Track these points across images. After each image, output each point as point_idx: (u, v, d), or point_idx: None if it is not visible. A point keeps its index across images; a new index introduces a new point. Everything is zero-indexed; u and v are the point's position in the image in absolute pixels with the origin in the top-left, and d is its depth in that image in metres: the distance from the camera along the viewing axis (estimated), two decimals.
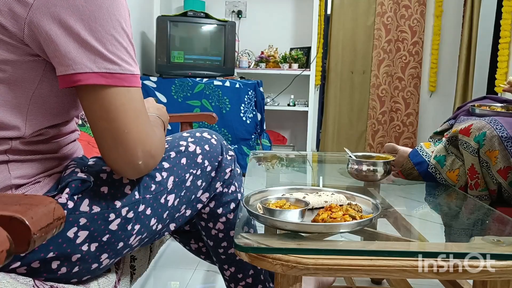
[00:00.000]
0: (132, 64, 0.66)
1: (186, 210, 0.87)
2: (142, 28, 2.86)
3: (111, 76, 0.63)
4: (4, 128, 0.64)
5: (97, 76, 0.62)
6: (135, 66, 0.67)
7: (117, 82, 0.63)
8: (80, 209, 0.69)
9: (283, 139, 3.63)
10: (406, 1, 3.41)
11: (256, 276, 0.99)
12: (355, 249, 0.70)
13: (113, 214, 0.72)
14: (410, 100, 3.52)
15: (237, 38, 3.28)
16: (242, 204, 0.81)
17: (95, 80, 0.62)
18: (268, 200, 0.81)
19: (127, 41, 0.66)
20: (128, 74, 0.65)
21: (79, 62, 0.61)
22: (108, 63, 0.62)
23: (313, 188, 0.96)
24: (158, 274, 1.65)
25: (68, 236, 0.68)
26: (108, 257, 0.74)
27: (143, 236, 0.79)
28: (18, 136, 0.66)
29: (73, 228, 0.68)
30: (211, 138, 0.91)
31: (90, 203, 0.70)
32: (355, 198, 0.90)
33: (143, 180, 0.77)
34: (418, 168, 1.25)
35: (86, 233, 0.69)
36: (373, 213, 0.79)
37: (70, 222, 0.68)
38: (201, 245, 1.09)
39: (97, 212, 0.70)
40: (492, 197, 1.15)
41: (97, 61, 0.61)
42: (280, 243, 0.69)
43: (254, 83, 2.74)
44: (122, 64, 0.64)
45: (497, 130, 1.10)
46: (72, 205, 0.68)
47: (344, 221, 0.73)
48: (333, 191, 0.92)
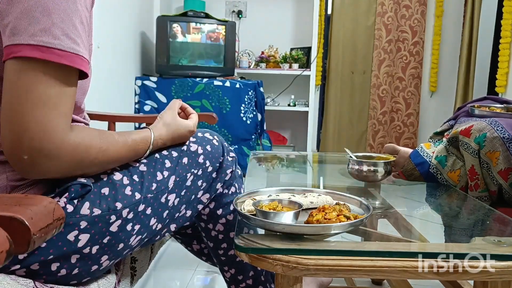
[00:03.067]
0: (80, 46, 0.60)
1: (187, 211, 0.87)
2: (142, 28, 2.86)
3: (48, 50, 0.56)
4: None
5: (30, 48, 0.56)
6: (83, 50, 0.61)
7: (53, 58, 0.57)
8: (81, 212, 0.69)
9: (284, 139, 3.63)
10: (406, 1, 3.41)
11: (256, 277, 0.99)
12: (356, 250, 0.70)
13: (114, 216, 0.71)
14: (411, 100, 3.52)
15: (237, 38, 3.28)
16: (234, 206, 0.80)
17: (28, 52, 0.56)
18: (260, 202, 0.80)
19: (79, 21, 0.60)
20: (71, 52, 0.58)
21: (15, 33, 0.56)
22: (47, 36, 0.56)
23: (303, 189, 0.95)
24: (158, 275, 1.65)
25: (68, 240, 0.68)
26: (108, 258, 0.74)
27: (143, 236, 0.78)
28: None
29: (74, 232, 0.68)
30: (213, 139, 0.91)
31: (90, 205, 0.69)
32: (343, 198, 0.89)
33: (145, 180, 0.77)
34: (419, 169, 1.25)
35: (87, 236, 0.69)
36: (364, 213, 0.79)
37: (71, 225, 0.68)
38: (203, 247, 1.09)
39: (98, 215, 0.70)
40: (492, 198, 1.15)
41: (34, 33, 0.56)
42: (281, 243, 0.69)
43: (254, 83, 2.74)
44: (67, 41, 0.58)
45: (498, 131, 1.10)
46: (71, 209, 0.68)
47: (339, 222, 0.72)
48: (322, 192, 0.92)
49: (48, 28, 0.56)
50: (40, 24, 0.56)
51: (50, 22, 0.56)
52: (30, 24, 0.56)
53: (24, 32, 0.56)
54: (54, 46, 0.56)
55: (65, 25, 0.58)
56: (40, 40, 0.56)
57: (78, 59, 0.59)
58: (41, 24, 0.56)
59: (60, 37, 0.57)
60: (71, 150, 0.61)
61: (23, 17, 0.56)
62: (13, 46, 0.56)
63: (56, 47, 0.57)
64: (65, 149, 0.60)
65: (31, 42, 0.55)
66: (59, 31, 0.57)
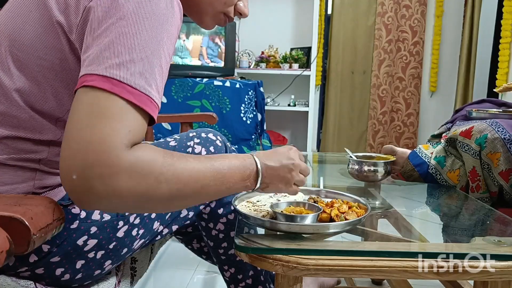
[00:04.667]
0: (153, 88, 0.56)
1: (189, 212, 0.88)
2: None
3: (119, 84, 0.53)
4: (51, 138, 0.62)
5: (103, 79, 0.53)
6: (156, 93, 0.57)
7: (122, 93, 0.53)
8: (92, 217, 0.70)
9: (284, 139, 3.63)
10: (406, 1, 3.41)
11: (256, 277, 0.99)
12: (356, 250, 0.69)
13: (122, 222, 0.72)
14: (411, 100, 3.52)
15: (237, 38, 3.28)
16: (233, 206, 0.80)
17: (99, 83, 0.53)
18: (279, 206, 0.79)
19: (158, 67, 0.57)
20: (142, 92, 0.54)
21: (92, 64, 0.54)
22: (121, 71, 0.54)
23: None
24: (158, 275, 1.65)
25: (77, 244, 0.68)
26: (111, 263, 0.75)
27: (145, 239, 0.79)
28: (55, 144, 0.63)
29: (84, 237, 0.69)
30: (216, 140, 0.92)
31: (101, 211, 0.70)
32: (343, 198, 0.88)
33: None
34: (418, 170, 1.25)
35: (95, 241, 0.70)
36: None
37: (82, 230, 0.68)
38: (203, 245, 1.10)
39: (107, 220, 0.71)
40: (493, 199, 1.15)
41: (110, 66, 0.53)
42: (281, 243, 0.69)
43: (254, 83, 2.74)
44: (140, 80, 0.54)
45: (498, 132, 1.09)
46: (84, 215, 0.69)
47: (355, 214, 0.75)
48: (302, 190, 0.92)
49: (125, 63, 0.54)
50: (118, 59, 0.54)
51: (129, 59, 0.54)
52: (109, 57, 0.54)
53: (101, 63, 0.53)
54: (126, 82, 0.53)
55: (144, 65, 0.55)
56: (114, 73, 0.53)
57: (148, 101, 0.55)
58: (120, 59, 0.54)
59: (135, 75, 0.54)
60: (129, 166, 0.51)
61: (104, 50, 0.54)
62: (87, 75, 0.54)
63: (128, 83, 0.53)
64: (122, 165, 0.51)
65: (105, 73, 0.53)
66: (136, 69, 0.54)
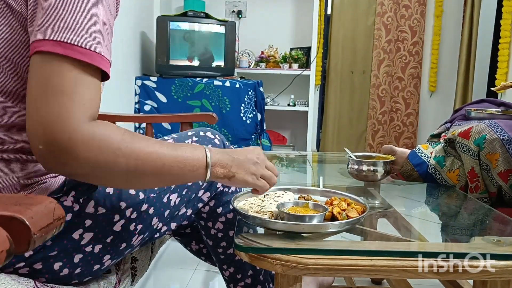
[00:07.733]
0: (102, 45, 0.59)
1: (187, 209, 0.87)
2: (142, 28, 2.86)
3: (70, 46, 0.56)
4: (19, 123, 0.62)
5: (54, 44, 0.56)
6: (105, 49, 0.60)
7: (75, 55, 0.56)
8: (86, 210, 0.69)
9: (283, 139, 3.63)
10: (406, 1, 3.41)
11: (255, 276, 0.99)
12: (356, 249, 0.70)
13: (118, 215, 0.72)
14: (410, 100, 3.52)
15: (237, 38, 3.28)
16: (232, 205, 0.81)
17: (50, 47, 0.56)
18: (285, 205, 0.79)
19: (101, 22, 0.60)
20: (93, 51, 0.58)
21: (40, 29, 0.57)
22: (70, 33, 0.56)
23: (299, 188, 0.97)
24: (158, 275, 1.65)
25: (73, 238, 0.68)
26: (110, 258, 0.74)
27: (144, 235, 0.79)
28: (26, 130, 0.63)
29: (79, 230, 0.69)
30: (214, 138, 0.92)
31: (95, 204, 0.70)
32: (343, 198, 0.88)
33: None
34: (418, 169, 1.25)
35: (91, 234, 0.70)
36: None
37: (76, 224, 0.68)
38: (202, 246, 1.10)
39: (103, 214, 0.70)
40: (492, 199, 1.15)
41: (58, 30, 0.56)
42: (280, 243, 0.69)
43: (254, 83, 2.74)
44: (89, 39, 0.58)
45: (497, 133, 1.09)
46: (77, 208, 0.68)
47: (356, 211, 0.76)
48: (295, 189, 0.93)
49: (71, 25, 0.57)
50: (63, 22, 0.56)
51: (74, 20, 0.57)
52: (54, 21, 0.56)
53: (48, 28, 0.56)
54: (76, 43, 0.56)
55: (88, 24, 0.58)
56: (63, 37, 0.56)
57: (99, 58, 0.59)
58: (65, 21, 0.56)
59: (82, 35, 0.57)
60: (86, 140, 0.55)
61: (48, 15, 0.57)
62: (37, 41, 0.56)
63: (78, 44, 0.57)
64: (78, 139, 0.55)
65: (54, 38, 0.56)
66: (82, 29, 0.57)
